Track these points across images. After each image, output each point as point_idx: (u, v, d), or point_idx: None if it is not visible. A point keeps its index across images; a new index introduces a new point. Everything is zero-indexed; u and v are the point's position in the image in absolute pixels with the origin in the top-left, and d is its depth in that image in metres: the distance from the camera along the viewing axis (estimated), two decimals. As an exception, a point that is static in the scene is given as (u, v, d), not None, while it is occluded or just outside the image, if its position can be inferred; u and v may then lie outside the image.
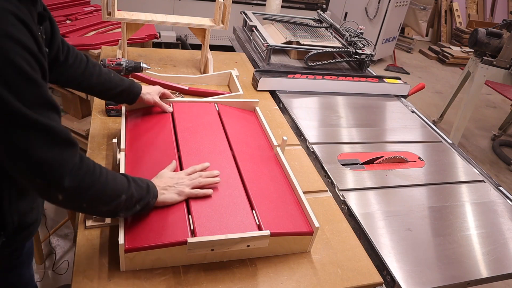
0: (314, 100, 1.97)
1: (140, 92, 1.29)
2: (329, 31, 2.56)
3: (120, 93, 1.24)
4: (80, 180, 0.79)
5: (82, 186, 0.80)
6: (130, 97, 1.28)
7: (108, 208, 0.87)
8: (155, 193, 0.97)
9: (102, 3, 1.67)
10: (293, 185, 1.18)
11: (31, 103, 0.71)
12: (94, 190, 0.82)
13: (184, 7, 4.21)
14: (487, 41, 3.34)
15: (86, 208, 0.86)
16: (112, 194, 0.86)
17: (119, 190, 0.87)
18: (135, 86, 1.28)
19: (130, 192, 0.89)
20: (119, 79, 1.24)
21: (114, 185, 0.87)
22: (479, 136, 4.33)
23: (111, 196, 0.86)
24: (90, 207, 0.86)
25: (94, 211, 0.90)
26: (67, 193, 0.78)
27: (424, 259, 1.17)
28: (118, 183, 0.88)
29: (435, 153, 1.73)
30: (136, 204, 0.92)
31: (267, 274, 1.01)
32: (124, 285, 0.92)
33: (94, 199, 0.84)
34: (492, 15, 7.14)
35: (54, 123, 0.75)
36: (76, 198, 0.81)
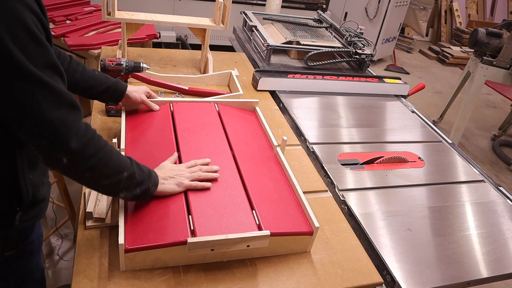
0: (314, 100, 1.97)
1: (125, 90, 1.29)
2: (329, 31, 2.56)
3: (105, 90, 1.24)
4: (85, 145, 0.81)
5: (87, 151, 0.81)
6: (115, 95, 1.28)
7: (110, 183, 0.88)
8: (155, 181, 0.99)
9: (102, 3, 1.67)
10: (293, 185, 1.18)
11: (39, 64, 0.75)
12: (98, 158, 0.83)
13: (184, 7, 4.21)
14: (487, 41, 3.34)
15: (88, 178, 0.87)
16: (115, 168, 0.88)
17: (122, 166, 0.89)
18: (120, 84, 1.29)
19: (132, 171, 0.91)
20: (104, 77, 1.25)
21: (118, 160, 0.89)
22: (479, 136, 4.33)
23: (114, 169, 0.87)
24: (93, 177, 0.87)
25: (96, 183, 0.90)
26: (72, 155, 0.80)
27: (424, 259, 1.17)
28: (122, 159, 0.90)
29: (435, 153, 1.73)
30: (137, 187, 0.93)
31: (267, 274, 1.01)
32: (124, 285, 0.92)
33: (97, 168, 0.85)
34: (492, 15, 7.14)
35: (60, 86, 0.79)
36: (80, 164, 0.83)
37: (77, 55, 2.45)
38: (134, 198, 0.97)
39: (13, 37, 0.71)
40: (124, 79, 1.52)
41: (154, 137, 1.27)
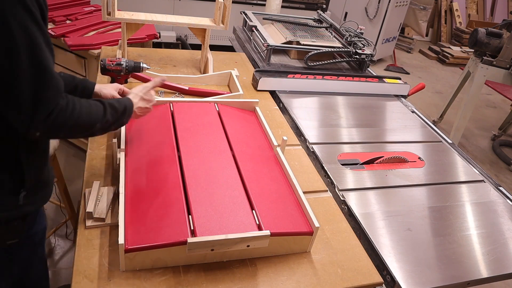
0: (314, 100, 1.97)
1: (93, 87, 1.27)
2: (329, 31, 2.56)
3: (73, 90, 1.22)
4: (53, 120, 0.87)
5: (56, 124, 0.88)
6: (84, 94, 1.25)
7: (84, 135, 1.02)
8: (130, 113, 1.10)
9: (102, 3, 1.67)
10: (293, 185, 1.18)
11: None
12: (68, 126, 0.91)
13: (184, 7, 4.21)
14: (487, 41, 3.34)
15: (63, 136, 1.00)
16: (87, 125, 0.96)
17: (93, 121, 0.97)
18: (88, 82, 1.28)
19: (105, 119, 1.00)
20: (70, 77, 1.24)
21: (88, 118, 0.96)
22: (479, 136, 4.33)
23: (86, 127, 0.96)
24: (67, 136, 1.01)
25: (71, 137, 1.04)
26: (43, 131, 0.87)
27: (424, 259, 1.17)
28: (93, 114, 0.97)
29: (435, 153, 1.73)
30: (111, 126, 1.05)
31: (267, 274, 1.01)
32: (124, 285, 0.92)
33: (69, 131, 0.94)
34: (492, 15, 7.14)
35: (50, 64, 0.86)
36: (52, 134, 0.94)
37: (77, 55, 2.45)
38: (112, 130, 1.08)
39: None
40: (124, 79, 1.52)
41: (154, 137, 1.27)
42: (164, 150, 1.21)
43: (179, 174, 1.12)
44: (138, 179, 1.11)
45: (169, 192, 1.06)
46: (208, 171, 1.15)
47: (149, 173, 1.13)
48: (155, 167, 1.15)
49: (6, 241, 1.04)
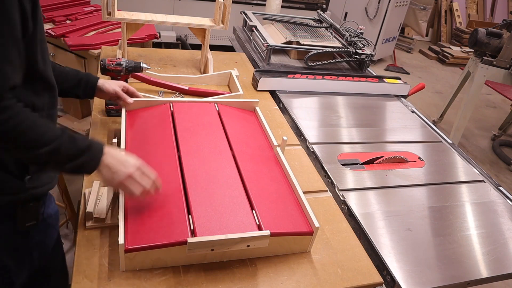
0: (314, 100, 1.97)
1: (97, 81, 1.28)
2: (329, 31, 2.56)
3: (77, 84, 1.24)
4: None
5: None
6: (88, 88, 1.27)
7: (26, 156, 0.89)
8: (96, 159, 0.93)
9: (102, 3, 1.67)
10: (293, 185, 1.18)
11: None
12: (8, 126, 0.82)
13: (184, 7, 4.21)
14: (487, 41, 3.34)
15: (1, 147, 0.87)
16: (27, 143, 0.86)
17: (37, 141, 0.86)
18: (91, 76, 1.28)
19: (53, 148, 0.87)
20: (74, 71, 1.26)
21: (32, 135, 0.86)
22: (479, 136, 4.33)
23: (25, 144, 0.86)
24: (5, 147, 0.87)
25: (12, 154, 0.90)
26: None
27: (424, 259, 1.17)
28: (41, 133, 0.87)
29: (435, 153, 1.73)
30: (67, 163, 0.90)
31: (267, 274, 1.01)
32: (124, 285, 0.92)
33: (7, 138, 0.84)
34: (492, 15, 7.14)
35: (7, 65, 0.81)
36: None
37: (77, 55, 2.46)
38: (68, 173, 0.94)
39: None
40: (124, 79, 1.52)
41: (154, 137, 1.27)
42: (164, 150, 1.21)
43: (179, 174, 1.12)
44: (138, 179, 1.11)
45: (169, 192, 1.06)
46: (208, 171, 1.15)
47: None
48: (155, 167, 1.14)
49: (25, 223, 1.06)
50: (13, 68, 0.84)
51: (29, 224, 1.07)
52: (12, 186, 0.99)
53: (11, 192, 1.00)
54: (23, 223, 1.06)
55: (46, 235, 1.17)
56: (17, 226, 1.05)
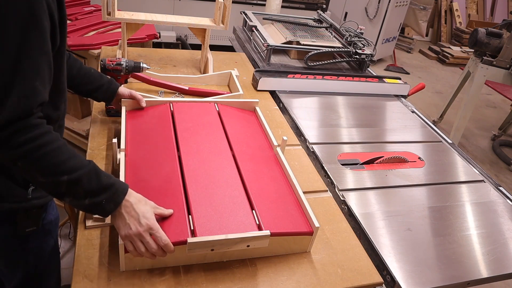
0: (314, 100, 1.97)
1: (117, 88, 1.34)
2: (329, 31, 2.56)
3: (99, 87, 1.29)
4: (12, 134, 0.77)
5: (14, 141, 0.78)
6: (108, 93, 1.33)
7: (45, 181, 0.83)
8: (115, 201, 0.88)
9: (102, 3, 1.67)
10: (293, 185, 1.18)
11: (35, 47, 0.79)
12: (26, 152, 0.79)
13: (184, 7, 4.21)
14: (487, 41, 3.34)
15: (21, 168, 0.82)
16: (54, 167, 0.82)
17: (65, 168, 0.82)
18: (113, 83, 1.34)
19: (76, 177, 0.83)
20: (99, 75, 1.30)
21: (62, 160, 0.82)
22: (479, 136, 4.33)
23: (52, 168, 0.82)
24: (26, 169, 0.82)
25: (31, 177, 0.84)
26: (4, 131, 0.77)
27: (424, 259, 1.17)
28: (70, 161, 0.83)
29: (435, 153, 1.73)
30: (86, 197, 0.85)
31: (267, 274, 1.01)
32: (124, 285, 0.92)
33: (30, 159, 0.80)
34: (492, 15, 7.14)
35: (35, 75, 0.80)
36: (8, 152, 0.79)
37: (77, 55, 2.45)
38: (85, 209, 0.89)
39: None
40: (124, 79, 1.52)
41: (154, 137, 1.27)
42: (164, 150, 1.21)
43: (179, 174, 1.12)
44: (138, 179, 1.11)
45: (169, 192, 1.06)
46: (208, 171, 1.15)
47: (149, 173, 1.13)
48: (155, 167, 1.15)
49: (26, 229, 1.05)
50: (43, 84, 0.82)
51: (29, 230, 1.06)
52: (15, 194, 0.99)
53: (14, 200, 1.00)
54: (23, 229, 1.05)
55: (43, 241, 1.17)
56: (16, 231, 1.05)
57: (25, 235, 1.07)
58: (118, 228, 0.90)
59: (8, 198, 0.99)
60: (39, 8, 0.77)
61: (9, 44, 0.75)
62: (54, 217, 1.17)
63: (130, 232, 0.88)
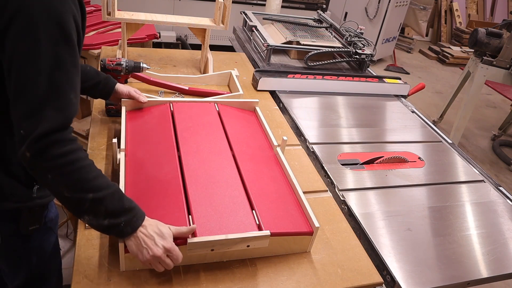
0: (314, 100, 1.97)
1: (114, 85, 1.34)
2: (329, 31, 2.56)
3: (95, 85, 1.30)
4: (46, 148, 0.79)
5: (48, 154, 0.79)
6: (105, 90, 1.33)
7: (70, 196, 0.83)
8: (134, 224, 0.88)
9: (102, 3, 1.67)
10: (293, 185, 1.18)
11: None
12: (59, 167, 0.81)
13: (184, 7, 4.21)
14: (487, 41, 3.34)
15: (50, 181, 0.83)
16: (81, 184, 0.83)
17: (92, 186, 0.84)
18: (110, 79, 1.34)
19: (102, 196, 0.84)
20: (95, 72, 1.30)
21: (89, 178, 0.84)
22: (479, 136, 4.33)
23: (79, 184, 0.83)
24: (54, 182, 0.83)
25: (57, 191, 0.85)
26: (32, 153, 0.79)
27: (424, 259, 1.17)
28: (97, 180, 0.85)
29: (435, 153, 1.73)
30: (106, 218, 0.86)
31: (267, 274, 1.01)
32: (124, 285, 0.92)
33: (61, 173, 0.81)
34: (492, 15, 7.14)
35: (69, 87, 0.83)
36: (39, 166, 0.81)
37: (77, 55, 2.45)
38: (102, 229, 0.89)
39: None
40: (124, 79, 1.52)
41: (154, 137, 1.27)
42: (164, 150, 1.21)
43: (179, 174, 1.12)
44: (138, 179, 1.11)
45: (169, 192, 1.06)
46: (208, 171, 1.15)
47: (149, 173, 1.13)
48: (155, 167, 1.15)
49: (29, 227, 1.06)
50: (76, 96, 0.85)
51: (32, 228, 1.08)
52: (20, 194, 1.00)
53: (19, 200, 1.01)
54: (26, 227, 1.06)
55: (45, 239, 1.18)
56: (19, 229, 1.06)
57: (27, 233, 1.08)
58: (135, 253, 0.89)
59: (12, 197, 1.00)
60: (68, 24, 0.81)
61: (43, 59, 0.78)
62: (54, 215, 1.18)
63: (147, 258, 0.88)
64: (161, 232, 0.90)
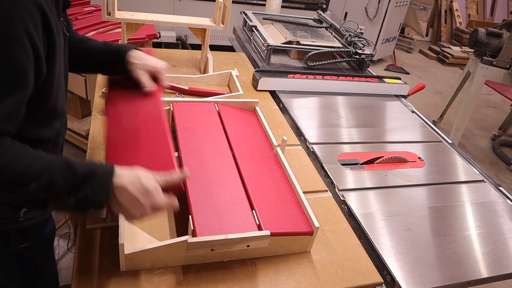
0: (314, 100, 1.97)
1: (128, 50, 1.11)
2: (329, 31, 2.56)
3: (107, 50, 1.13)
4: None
5: None
6: (119, 55, 1.12)
7: (16, 196, 0.74)
8: (103, 187, 0.77)
9: (102, 3, 1.67)
10: (293, 185, 1.18)
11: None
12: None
13: (184, 7, 4.21)
14: (487, 41, 3.34)
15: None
16: (15, 179, 0.71)
17: (27, 175, 0.71)
18: (126, 46, 1.14)
19: (47, 179, 0.72)
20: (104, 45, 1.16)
21: (21, 169, 0.71)
22: (479, 136, 4.33)
23: (13, 180, 0.71)
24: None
25: (4, 198, 0.77)
26: None
27: (424, 259, 1.17)
28: (32, 166, 0.72)
29: (435, 153, 1.73)
30: (68, 196, 0.74)
31: (267, 274, 1.01)
32: (124, 285, 0.92)
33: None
34: (492, 15, 7.14)
35: None
36: None
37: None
38: (73, 209, 0.78)
39: None
40: (124, 79, 1.51)
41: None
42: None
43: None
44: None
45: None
46: (208, 171, 1.15)
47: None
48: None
49: (19, 245, 1.03)
50: (6, 119, 0.73)
51: (23, 246, 1.04)
52: (6, 216, 0.96)
53: (6, 222, 0.97)
54: (16, 245, 1.02)
55: (39, 256, 1.15)
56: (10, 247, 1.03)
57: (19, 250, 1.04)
58: (124, 216, 0.82)
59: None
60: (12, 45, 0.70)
61: None
62: (50, 231, 1.15)
63: (139, 219, 0.82)
64: (145, 189, 0.79)
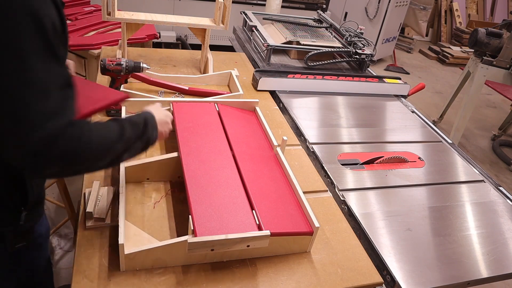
0: (314, 100, 1.97)
1: None
2: (329, 31, 2.56)
3: None
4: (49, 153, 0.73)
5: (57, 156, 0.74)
6: None
7: (106, 162, 0.85)
8: (154, 125, 0.98)
9: (102, 3, 1.67)
10: (293, 185, 1.18)
11: None
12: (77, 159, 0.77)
13: (184, 7, 4.21)
14: (487, 41, 3.34)
15: (83, 170, 0.87)
16: (104, 150, 0.83)
17: (110, 144, 0.84)
18: None
19: (125, 137, 0.87)
20: None
21: (103, 142, 0.82)
22: (479, 136, 4.33)
23: (103, 152, 0.83)
24: (87, 168, 0.84)
25: (94, 169, 0.87)
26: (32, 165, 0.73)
27: (424, 259, 1.17)
28: (107, 137, 0.84)
29: (435, 153, 1.73)
30: (137, 143, 0.91)
31: (267, 274, 1.01)
32: (124, 285, 0.92)
33: (81, 164, 0.80)
34: (492, 15, 7.14)
35: (43, 78, 0.73)
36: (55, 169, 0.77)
37: (77, 55, 2.45)
38: (141, 151, 0.95)
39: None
40: (124, 79, 1.52)
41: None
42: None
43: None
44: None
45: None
46: (208, 171, 1.15)
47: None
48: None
49: (15, 245, 1.03)
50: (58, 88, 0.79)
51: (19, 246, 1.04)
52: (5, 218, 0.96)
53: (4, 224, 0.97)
54: (13, 245, 1.02)
55: (35, 255, 1.15)
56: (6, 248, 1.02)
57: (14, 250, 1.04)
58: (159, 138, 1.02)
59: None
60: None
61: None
62: (45, 230, 1.14)
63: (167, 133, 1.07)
64: (166, 114, 1.07)
